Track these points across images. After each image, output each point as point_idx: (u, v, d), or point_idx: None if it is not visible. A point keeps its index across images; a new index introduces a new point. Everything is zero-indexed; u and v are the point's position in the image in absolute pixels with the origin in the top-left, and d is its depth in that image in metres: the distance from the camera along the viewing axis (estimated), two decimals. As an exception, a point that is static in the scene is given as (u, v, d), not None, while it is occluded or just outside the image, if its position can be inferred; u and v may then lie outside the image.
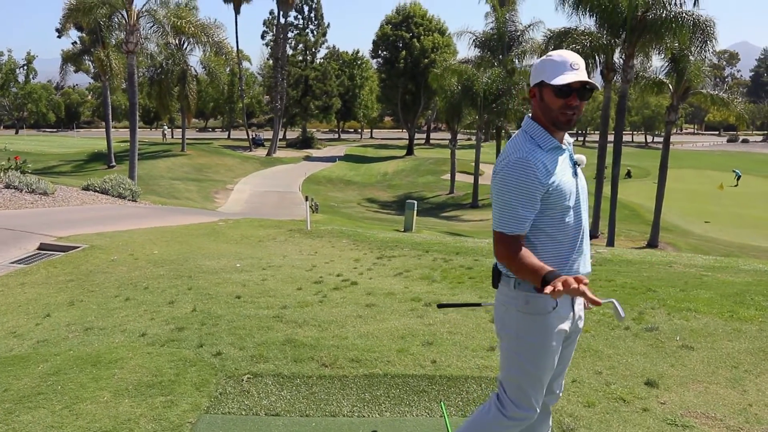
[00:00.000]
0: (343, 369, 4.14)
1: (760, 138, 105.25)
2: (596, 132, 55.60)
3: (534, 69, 2.36)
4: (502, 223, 2.29)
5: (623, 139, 25.68)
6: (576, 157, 2.42)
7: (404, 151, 63.42)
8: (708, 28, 19.80)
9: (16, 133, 71.30)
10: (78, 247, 9.33)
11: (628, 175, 44.36)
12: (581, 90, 2.26)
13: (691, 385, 3.94)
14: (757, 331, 4.92)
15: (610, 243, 20.69)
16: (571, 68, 2.25)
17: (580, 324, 2.56)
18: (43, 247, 9.48)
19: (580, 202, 2.39)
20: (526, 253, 2.25)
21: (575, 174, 2.40)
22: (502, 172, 2.29)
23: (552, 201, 2.28)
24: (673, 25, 19.81)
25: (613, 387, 3.89)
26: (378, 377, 4.01)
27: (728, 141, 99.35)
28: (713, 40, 20.03)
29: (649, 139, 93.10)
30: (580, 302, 2.51)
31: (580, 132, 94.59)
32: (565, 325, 2.43)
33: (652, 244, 22.36)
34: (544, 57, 2.36)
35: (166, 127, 68.48)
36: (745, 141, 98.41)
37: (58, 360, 4.39)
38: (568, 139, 2.44)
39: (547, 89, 2.27)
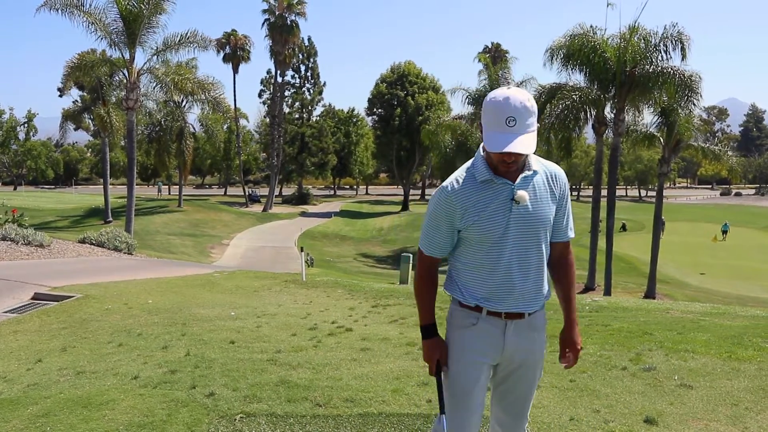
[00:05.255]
0: (337, 408, 4.08)
1: (752, 191, 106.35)
2: (590, 186, 56.21)
3: (483, 104, 2.21)
4: (421, 239, 2.40)
5: (617, 194, 25.93)
6: (518, 194, 2.22)
7: (399, 207, 63.68)
8: (693, 83, 20.30)
9: (15, 189, 71.55)
10: (72, 296, 9.27)
11: (623, 228, 44.54)
12: None
13: (691, 423, 3.88)
14: (756, 371, 4.88)
15: (607, 294, 20.61)
16: (507, 125, 2.10)
17: (527, 360, 2.38)
18: (37, 296, 9.42)
19: (509, 235, 2.24)
20: (429, 287, 2.43)
21: (509, 209, 2.23)
22: (433, 195, 2.36)
23: (472, 233, 2.26)
24: (660, 80, 20.31)
25: (612, 425, 3.84)
26: (373, 416, 3.95)
27: (721, 194, 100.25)
28: (698, 95, 20.51)
29: (643, 193, 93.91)
30: (518, 333, 2.34)
31: (574, 186, 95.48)
32: (488, 348, 2.33)
33: (649, 295, 22.26)
34: (489, 95, 2.20)
35: (161, 184, 68.91)
36: (738, 194, 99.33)
37: (49, 402, 4.32)
38: (534, 165, 2.28)
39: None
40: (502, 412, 2.49)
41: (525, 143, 2.12)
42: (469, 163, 2.34)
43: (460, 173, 2.31)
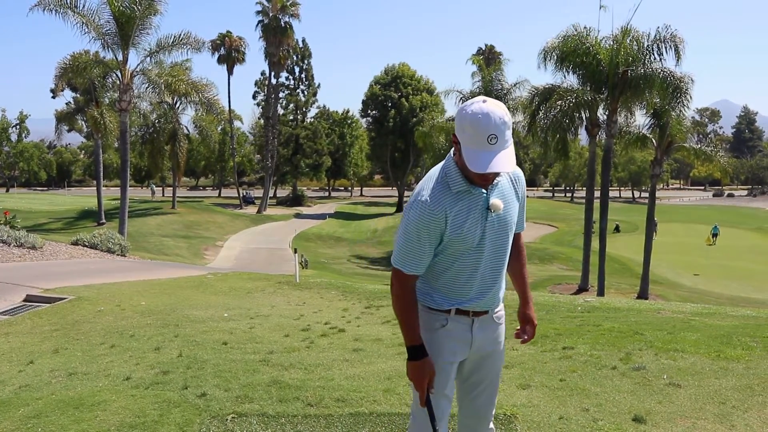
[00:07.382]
0: (328, 408, 4.11)
1: (745, 192, 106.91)
2: (584, 188, 56.32)
3: (456, 118, 2.19)
4: (400, 260, 2.29)
5: (611, 195, 26.06)
6: (492, 202, 2.26)
7: (394, 209, 63.78)
8: (683, 84, 20.45)
9: (7, 191, 71.30)
10: (64, 298, 9.25)
11: (617, 229, 44.69)
12: None
13: (678, 421, 3.92)
14: (743, 369, 4.93)
15: (600, 295, 20.69)
16: (489, 143, 2.09)
17: (493, 350, 2.49)
18: (29, 298, 9.39)
19: (485, 242, 2.29)
20: (413, 305, 2.33)
21: (485, 218, 2.27)
22: (409, 211, 2.26)
23: (452, 243, 2.25)
24: (650, 81, 20.44)
25: (601, 423, 3.87)
26: (364, 416, 3.97)
27: (714, 195, 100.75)
28: (687, 96, 20.68)
29: (636, 194, 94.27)
30: (484, 328, 2.43)
31: (567, 188, 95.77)
32: (458, 347, 2.39)
33: (642, 296, 22.35)
34: (465, 110, 2.15)
35: (154, 185, 68.77)
36: (730, 195, 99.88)
37: (40, 404, 4.33)
38: (506, 170, 2.15)
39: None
40: (472, 403, 2.54)
41: (508, 160, 2.13)
42: (437, 172, 2.31)
43: (433, 184, 2.26)
